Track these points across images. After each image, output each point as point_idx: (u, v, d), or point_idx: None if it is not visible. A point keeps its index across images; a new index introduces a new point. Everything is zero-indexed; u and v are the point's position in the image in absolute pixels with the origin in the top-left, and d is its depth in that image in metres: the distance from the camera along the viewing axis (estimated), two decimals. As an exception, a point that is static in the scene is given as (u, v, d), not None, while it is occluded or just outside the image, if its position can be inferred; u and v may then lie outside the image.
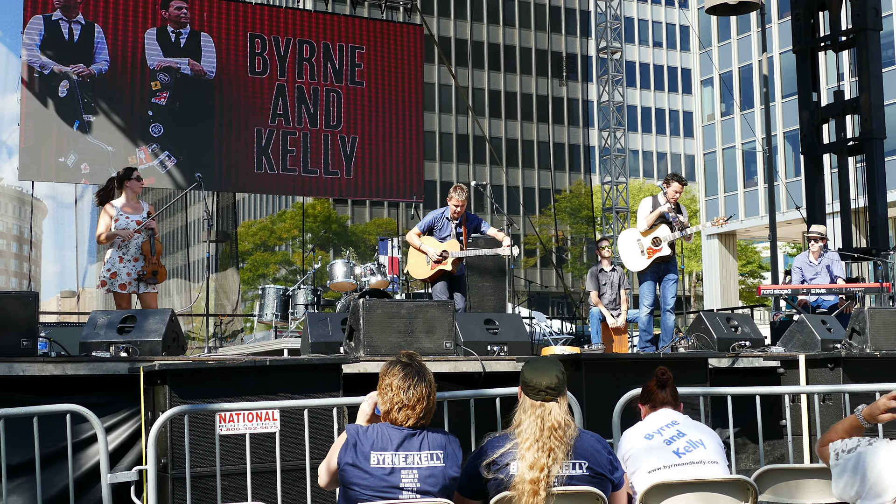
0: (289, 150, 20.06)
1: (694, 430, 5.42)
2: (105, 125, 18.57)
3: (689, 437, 5.33)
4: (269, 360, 7.83)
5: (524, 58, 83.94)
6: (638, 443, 5.39)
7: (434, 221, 12.36)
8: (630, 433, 5.54)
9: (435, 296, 12.24)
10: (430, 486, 4.80)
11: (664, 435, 5.36)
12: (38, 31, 18.19)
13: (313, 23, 20.86)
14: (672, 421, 5.46)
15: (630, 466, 5.35)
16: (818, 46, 18.22)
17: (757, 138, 47.15)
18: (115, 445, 7.78)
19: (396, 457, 4.79)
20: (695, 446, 5.29)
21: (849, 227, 17.41)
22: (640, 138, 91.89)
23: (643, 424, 5.55)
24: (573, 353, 9.94)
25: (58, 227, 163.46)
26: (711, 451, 5.31)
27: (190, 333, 35.79)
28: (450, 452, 4.91)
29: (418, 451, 4.83)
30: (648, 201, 12.73)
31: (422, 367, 4.97)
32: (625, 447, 5.46)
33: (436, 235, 12.32)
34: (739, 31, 54.05)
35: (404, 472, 4.77)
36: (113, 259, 11.24)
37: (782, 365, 10.17)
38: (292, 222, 62.08)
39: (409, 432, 4.86)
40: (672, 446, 5.29)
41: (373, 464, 4.77)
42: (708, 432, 5.46)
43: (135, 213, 11.43)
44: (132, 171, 11.63)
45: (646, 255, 12.42)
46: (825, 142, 18.33)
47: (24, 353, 8.08)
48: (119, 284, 11.17)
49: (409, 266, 12.55)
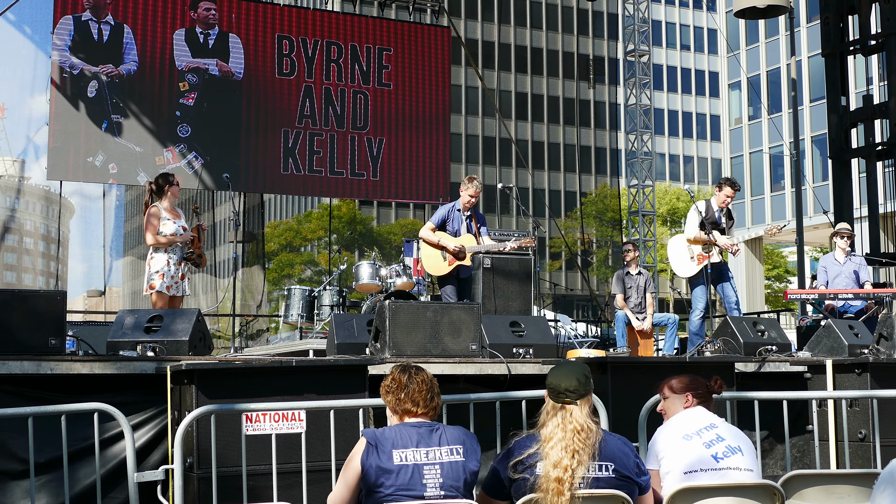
0: (315, 151, 20.10)
1: (732, 436, 5.43)
2: (133, 126, 18.64)
3: (728, 443, 5.35)
4: (296, 360, 7.85)
5: (551, 60, 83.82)
6: (675, 442, 5.39)
7: (446, 215, 12.31)
8: (666, 431, 5.53)
9: (445, 298, 12.14)
10: (453, 480, 4.85)
11: (703, 438, 5.36)
12: (68, 32, 18.28)
13: (341, 24, 20.89)
14: (710, 423, 5.47)
15: (664, 465, 5.35)
16: (847, 50, 18.14)
17: (784, 142, 46.97)
18: (141, 444, 7.81)
19: (418, 453, 4.86)
20: (733, 452, 5.31)
21: (877, 231, 17.33)
22: (667, 141, 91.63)
23: (680, 423, 5.53)
24: (598, 357, 9.93)
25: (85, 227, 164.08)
26: (748, 458, 5.33)
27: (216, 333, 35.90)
28: (469, 447, 4.98)
29: (438, 447, 4.90)
30: (700, 206, 12.63)
31: (417, 366, 5.19)
32: (660, 444, 5.45)
33: (448, 230, 12.25)
34: (768, 34, 53.85)
35: (427, 468, 4.83)
36: (162, 262, 11.24)
37: (809, 370, 10.13)
38: (318, 223, 62.14)
39: (427, 427, 4.97)
40: (711, 450, 5.30)
41: (396, 462, 4.82)
42: (744, 439, 5.47)
43: (179, 219, 11.46)
44: (173, 177, 11.65)
45: (696, 261, 12.38)
46: (853, 146, 18.25)
47: (52, 351, 8.13)
48: (166, 286, 11.19)
49: (424, 263, 12.36)
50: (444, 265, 12.08)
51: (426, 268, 12.39)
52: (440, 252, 12.12)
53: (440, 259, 12.13)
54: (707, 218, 12.39)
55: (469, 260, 12.15)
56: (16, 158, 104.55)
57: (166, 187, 11.44)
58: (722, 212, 12.47)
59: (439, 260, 12.13)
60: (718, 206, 12.47)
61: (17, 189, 72.79)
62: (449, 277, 12.15)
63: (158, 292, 11.14)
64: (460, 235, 12.19)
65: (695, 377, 5.78)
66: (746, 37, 55.12)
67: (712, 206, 12.52)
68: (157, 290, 11.12)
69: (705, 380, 5.78)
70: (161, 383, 7.71)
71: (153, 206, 11.30)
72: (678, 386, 5.73)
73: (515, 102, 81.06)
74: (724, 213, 12.53)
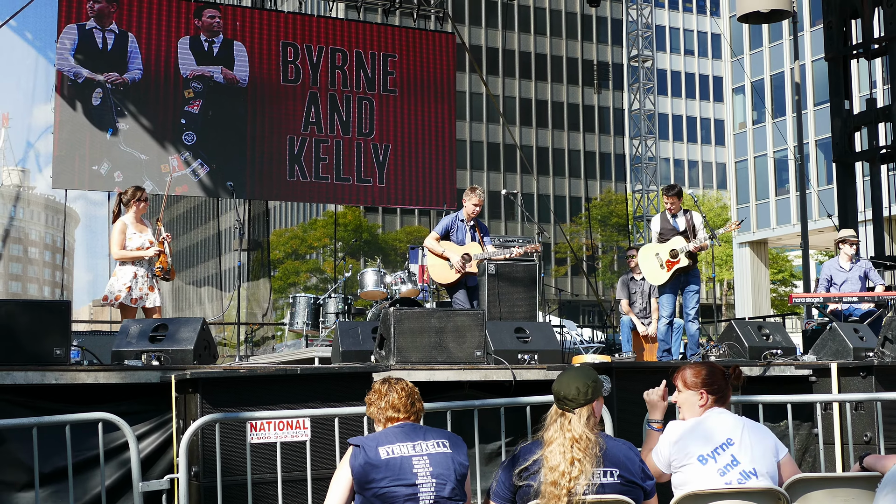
0: (321, 157, 20.12)
1: (749, 455, 5.28)
2: (138, 133, 18.67)
3: (744, 468, 5.23)
4: (300, 368, 7.85)
5: (555, 66, 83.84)
6: (690, 462, 5.30)
7: (450, 225, 12.35)
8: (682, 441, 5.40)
9: (457, 305, 12.17)
10: (443, 468, 4.95)
11: (718, 462, 5.24)
12: (73, 40, 18.32)
13: (345, 31, 20.92)
14: (728, 439, 5.33)
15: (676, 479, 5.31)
16: (850, 54, 18.12)
17: (789, 146, 46.94)
18: (146, 454, 7.80)
19: (404, 447, 4.98)
20: (747, 478, 5.21)
21: (881, 234, 17.30)
22: (672, 146, 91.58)
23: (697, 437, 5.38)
24: (604, 362, 9.92)
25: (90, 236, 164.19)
26: (763, 479, 5.23)
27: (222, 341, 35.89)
28: (455, 441, 5.12)
29: (424, 441, 5.03)
30: (658, 218, 12.73)
31: (398, 377, 5.34)
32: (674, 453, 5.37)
33: (452, 239, 12.29)
34: (771, 38, 53.83)
35: (415, 459, 4.94)
36: (129, 275, 11.25)
37: (814, 373, 10.11)
38: (323, 231, 62.22)
39: (411, 426, 5.11)
40: (725, 478, 5.20)
41: (383, 457, 4.92)
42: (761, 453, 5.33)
43: (145, 232, 11.46)
44: (143, 193, 11.65)
45: (665, 268, 12.40)
46: (857, 150, 18.23)
47: (57, 361, 8.12)
48: (132, 299, 11.20)
49: (431, 271, 12.40)
50: (451, 273, 12.12)
51: (434, 276, 12.44)
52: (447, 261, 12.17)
53: (447, 267, 12.16)
54: (664, 228, 12.43)
55: (475, 267, 12.18)
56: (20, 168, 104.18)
57: (132, 202, 11.44)
58: (676, 218, 12.49)
59: (447, 268, 12.16)
60: (671, 214, 12.52)
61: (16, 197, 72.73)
62: (458, 285, 12.20)
63: (123, 305, 11.15)
64: (464, 245, 12.23)
65: (711, 369, 5.61)
66: (750, 41, 55.10)
67: (667, 216, 12.55)
68: (121, 301, 11.13)
69: (723, 369, 5.65)
70: (166, 392, 7.71)
71: (120, 222, 11.33)
72: (693, 380, 5.56)
73: (520, 108, 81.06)
74: (681, 218, 12.53)
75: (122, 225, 11.31)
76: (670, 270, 12.33)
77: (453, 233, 12.31)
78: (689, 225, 12.41)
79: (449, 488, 4.92)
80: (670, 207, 12.50)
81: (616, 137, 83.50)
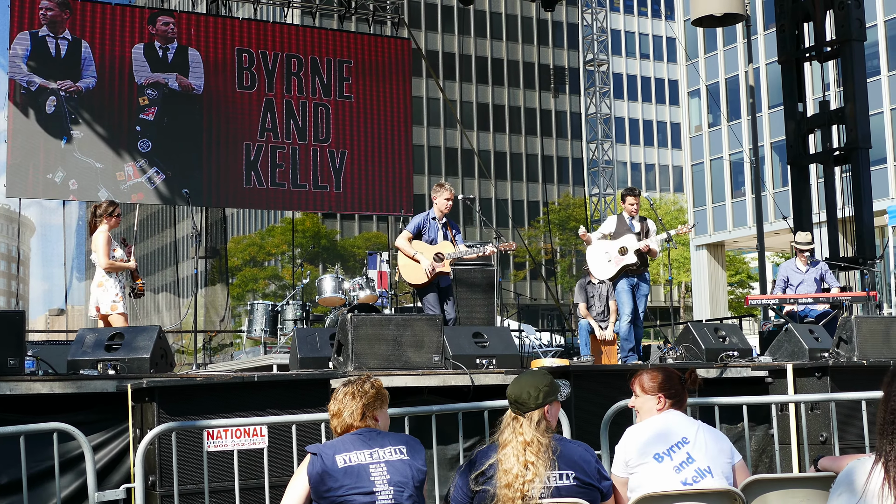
0: (278, 164, 20.07)
1: (704, 454, 5.30)
2: (93, 141, 18.56)
3: (699, 465, 5.24)
4: (258, 376, 7.82)
5: (511, 71, 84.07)
6: (647, 461, 5.29)
7: (422, 224, 12.22)
8: (638, 442, 5.39)
9: (427, 307, 12.02)
10: (401, 476, 4.92)
11: (674, 459, 5.25)
12: (25, 47, 18.19)
13: (301, 37, 20.88)
14: (683, 438, 5.34)
15: (633, 481, 5.31)
16: (803, 57, 18.26)
17: (744, 149, 47.26)
18: (103, 464, 7.76)
19: (361, 454, 4.93)
20: (702, 475, 5.22)
21: (835, 236, 17.43)
22: (629, 150, 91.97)
23: (653, 437, 5.39)
24: (562, 365, 9.95)
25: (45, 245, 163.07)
26: (718, 479, 5.24)
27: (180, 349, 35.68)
28: (413, 447, 5.07)
29: (381, 448, 4.98)
30: (614, 218, 12.89)
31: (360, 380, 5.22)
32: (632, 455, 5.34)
33: (424, 238, 12.15)
34: (726, 42, 54.20)
35: (372, 467, 4.90)
36: (117, 285, 11.26)
37: (770, 374, 10.18)
38: (281, 237, 62.05)
39: (367, 432, 5.04)
40: (681, 475, 5.21)
41: (340, 465, 4.88)
42: (716, 453, 5.34)
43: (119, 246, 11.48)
44: (116, 207, 11.61)
45: (613, 262, 12.53)
46: (811, 152, 18.37)
47: (11, 371, 8.06)
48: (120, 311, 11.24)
49: (402, 272, 12.16)
50: (423, 274, 11.94)
51: (405, 277, 12.16)
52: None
53: (419, 268, 11.98)
54: (619, 228, 12.60)
55: (448, 267, 12.07)
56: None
57: (104, 216, 11.40)
58: (634, 219, 12.68)
59: (419, 269, 11.98)
60: (629, 216, 12.69)
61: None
62: (430, 286, 12.05)
63: (122, 314, 11.17)
64: (437, 244, 12.11)
65: (668, 373, 5.62)
66: (705, 45, 55.46)
67: (624, 217, 12.71)
68: (119, 311, 11.14)
69: (678, 373, 5.66)
70: (122, 402, 7.66)
71: (102, 233, 11.27)
72: (650, 385, 5.56)
73: (477, 113, 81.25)
74: (638, 220, 12.74)
75: (105, 236, 11.26)
76: (618, 266, 12.50)
77: (425, 231, 12.17)
78: (643, 229, 12.56)
79: (407, 495, 4.90)
80: (632, 210, 12.63)
81: (573, 141, 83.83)
